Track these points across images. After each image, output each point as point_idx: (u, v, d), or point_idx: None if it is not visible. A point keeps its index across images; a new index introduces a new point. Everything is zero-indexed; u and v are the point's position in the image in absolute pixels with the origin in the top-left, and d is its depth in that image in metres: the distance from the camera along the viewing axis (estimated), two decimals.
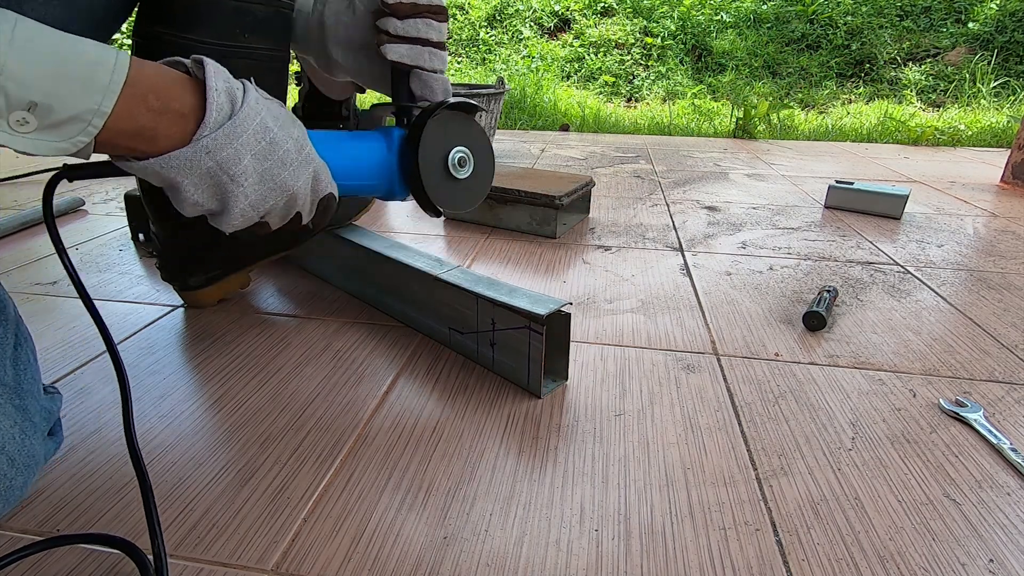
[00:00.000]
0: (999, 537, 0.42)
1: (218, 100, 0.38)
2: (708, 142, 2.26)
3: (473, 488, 0.46)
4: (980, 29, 3.55)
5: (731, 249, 1.02)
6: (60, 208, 1.15)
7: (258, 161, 0.41)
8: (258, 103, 0.41)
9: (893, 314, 0.78)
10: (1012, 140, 1.97)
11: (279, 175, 0.42)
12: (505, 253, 0.98)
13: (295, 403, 0.56)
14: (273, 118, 0.42)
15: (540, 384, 0.57)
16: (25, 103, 0.32)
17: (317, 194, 0.45)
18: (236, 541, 0.41)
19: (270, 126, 0.41)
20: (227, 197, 0.41)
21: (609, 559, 0.40)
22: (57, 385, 0.59)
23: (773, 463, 0.49)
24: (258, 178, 0.41)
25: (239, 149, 0.40)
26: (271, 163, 0.42)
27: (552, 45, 4.07)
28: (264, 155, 0.41)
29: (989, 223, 1.22)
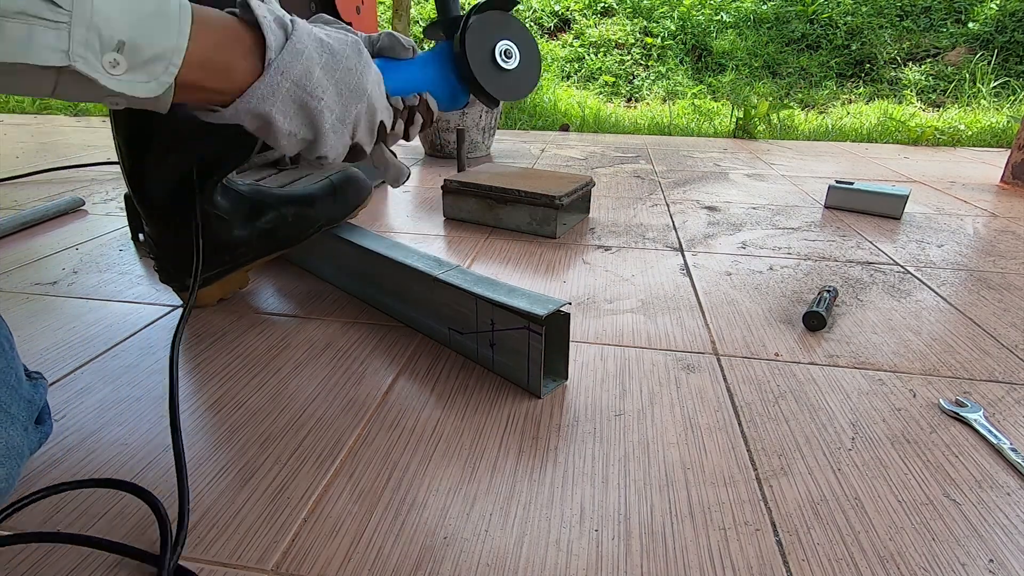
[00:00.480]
0: (999, 537, 0.42)
1: (272, 26, 0.40)
2: (708, 142, 2.26)
3: (473, 488, 0.46)
4: (980, 29, 3.55)
5: (731, 249, 1.02)
6: (60, 208, 1.15)
7: (328, 73, 0.42)
8: (304, 23, 0.42)
9: (893, 314, 0.78)
10: (1012, 140, 1.97)
11: (350, 80, 0.43)
12: (505, 253, 0.98)
13: (295, 403, 0.56)
14: (322, 31, 0.43)
15: (540, 384, 0.57)
16: (115, 43, 0.33)
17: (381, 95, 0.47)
18: (236, 541, 0.41)
19: (323, 38, 0.43)
20: (314, 116, 0.42)
21: (609, 559, 0.40)
22: (57, 385, 0.59)
23: (773, 463, 0.49)
24: (334, 89, 0.43)
25: (307, 64, 0.41)
26: (340, 72, 0.43)
27: (552, 45, 4.07)
28: (330, 66, 0.42)
29: (989, 223, 1.22)
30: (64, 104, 2.77)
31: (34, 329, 0.70)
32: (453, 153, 1.80)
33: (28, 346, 0.66)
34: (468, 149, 1.77)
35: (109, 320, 0.73)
